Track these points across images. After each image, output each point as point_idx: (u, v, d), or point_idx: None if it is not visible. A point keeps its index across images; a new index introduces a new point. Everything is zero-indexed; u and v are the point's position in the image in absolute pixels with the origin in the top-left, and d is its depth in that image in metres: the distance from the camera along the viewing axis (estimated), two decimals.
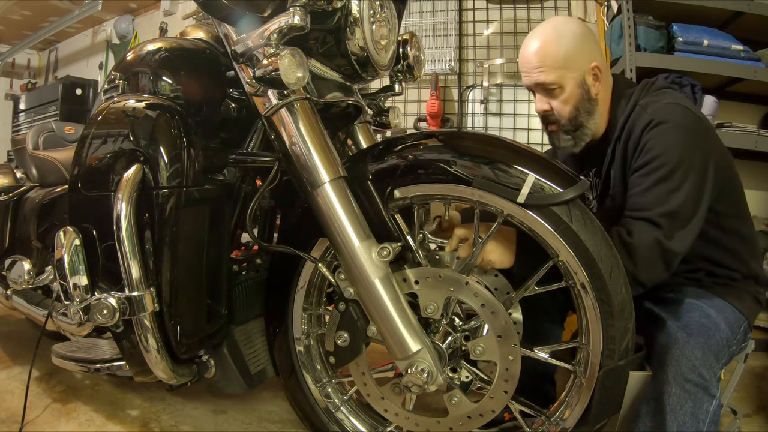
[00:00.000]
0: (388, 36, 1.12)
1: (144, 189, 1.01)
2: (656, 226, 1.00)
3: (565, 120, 1.17)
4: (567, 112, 1.16)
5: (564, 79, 1.13)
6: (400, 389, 1.02)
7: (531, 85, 1.18)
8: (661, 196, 1.01)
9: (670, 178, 1.01)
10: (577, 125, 1.17)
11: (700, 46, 2.04)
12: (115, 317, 1.01)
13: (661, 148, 1.03)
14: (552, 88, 1.15)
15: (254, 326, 1.28)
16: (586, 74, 1.14)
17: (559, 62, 1.12)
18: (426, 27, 3.06)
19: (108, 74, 1.17)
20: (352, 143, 1.27)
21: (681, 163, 1.01)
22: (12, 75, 5.37)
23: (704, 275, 1.13)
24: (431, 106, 2.95)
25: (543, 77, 1.14)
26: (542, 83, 1.15)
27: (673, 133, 1.04)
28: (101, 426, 1.34)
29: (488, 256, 1.01)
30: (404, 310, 0.94)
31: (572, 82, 1.14)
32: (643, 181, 1.05)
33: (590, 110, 1.16)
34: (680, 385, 0.89)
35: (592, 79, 1.14)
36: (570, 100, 1.15)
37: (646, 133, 1.06)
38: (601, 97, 1.17)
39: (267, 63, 0.88)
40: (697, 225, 1.02)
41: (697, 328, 0.97)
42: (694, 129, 1.05)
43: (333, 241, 0.96)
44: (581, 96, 1.15)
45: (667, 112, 1.06)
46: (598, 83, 1.15)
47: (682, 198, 1.00)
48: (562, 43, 1.12)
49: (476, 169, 0.92)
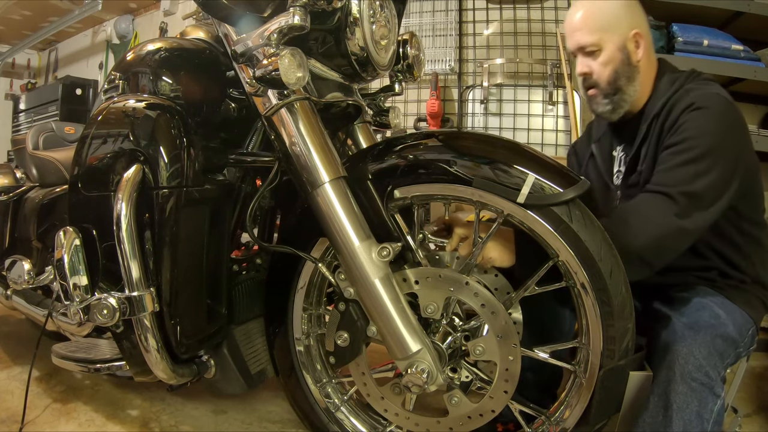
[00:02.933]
0: (388, 36, 1.12)
1: (144, 189, 1.01)
2: (673, 200, 0.98)
3: (604, 83, 1.16)
4: (606, 74, 1.15)
5: (604, 42, 1.14)
6: (400, 389, 1.02)
7: (573, 48, 1.19)
8: (687, 176, 1.00)
9: (700, 161, 1.00)
10: (616, 89, 1.16)
11: (700, 46, 2.04)
12: (115, 317, 1.01)
13: (696, 131, 1.02)
14: (592, 50, 1.15)
15: (254, 326, 1.28)
16: (628, 40, 1.14)
17: (600, 24, 1.14)
18: (426, 27, 3.06)
19: (108, 74, 1.17)
20: (352, 143, 1.27)
21: (713, 150, 1.00)
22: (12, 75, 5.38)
23: (717, 275, 1.12)
24: (431, 106, 2.95)
25: (583, 39, 1.15)
26: (583, 45, 1.16)
27: (712, 120, 1.03)
28: (101, 426, 1.34)
29: (488, 254, 1.01)
30: (404, 310, 0.94)
31: (612, 45, 1.14)
32: (671, 159, 1.03)
33: (630, 76, 1.15)
34: (687, 383, 0.89)
35: (633, 45, 1.14)
36: (610, 63, 1.15)
37: (684, 114, 1.05)
38: (642, 65, 1.16)
39: (267, 63, 0.88)
40: (714, 214, 1.01)
41: (704, 327, 0.97)
42: (732, 122, 1.05)
43: (333, 241, 0.96)
44: (621, 60, 1.14)
45: (710, 100, 1.05)
46: (640, 50, 1.15)
47: (706, 183, 0.99)
48: (605, 7, 1.14)
49: (476, 169, 0.92)
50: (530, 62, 2.91)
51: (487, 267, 1.04)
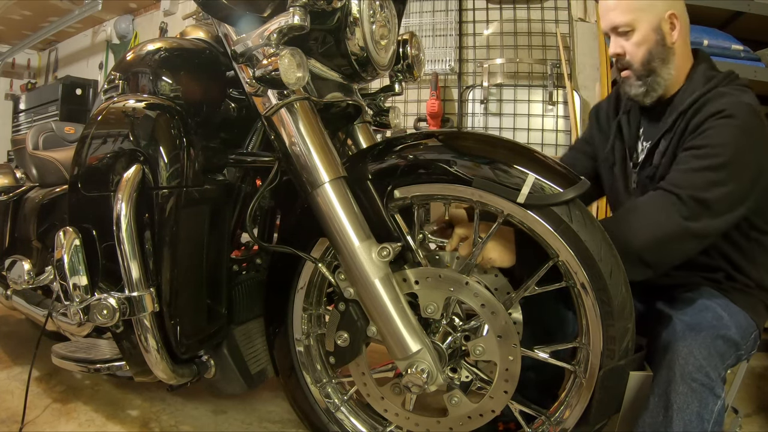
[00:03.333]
0: (388, 36, 1.12)
1: (144, 189, 1.01)
2: (682, 202, 0.97)
3: (638, 64, 1.14)
4: (640, 55, 1.13)
5: (638, 22, 1.11)
6: (400, 389, 1.02)
7: (607, 29, 1.17)
8: (702, 182, 0.99)
9: (718, 170, 0.99)
10: (650, 70, 1.14)
11: (700, 46, 2.03)
12: (115, 317, 1.01)
13: (721, 139, 1.01)
14: (626, 30, 1.13)
15: (254, 326, 1.28)
16: (662, 21, 1.12)
17: (634, 4, 1.11)
18: (426, 27, 3.06)
19: (108, 74, 1.17)
20: (352, 143, 1.27)
21: (733, 163, 0.99)
22: (12, 75, 5.38)
23: (723, 277, 1.12)
24: (431, 106, 2.95)
25: (617, 18, 1.13)
26: (616, 25, 1.13)
27: (738, 132, 1.01)
28: (101, 426, 1.34)
29: (488, 254, 1.01)
30: (404, 310, 0.94)
31: (646, 25, 1.11)
32: (689, 162, 1.02)
33: (665, 58, 1.13)
34: (687, 384, 0.89)
35: (668, 27, 1.12)
36: (644, 43, 1.12)
37: (711, 119, 1.03)
38: (678, 47, 1.14)
39: (267, 63, 0.88)
40: (723, 223, 1.00)
41: (706, 327, 0.97)
42: (758, 136, 1.03)
43: (333, 241, 0.96)
44: (656, 41, 1.12)
45: (741, 110, 1.03)
46: (675, 32, 1.12)
47: (720, 194, 0.98)
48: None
49: (476, 169, 0.92)
50: (530, 62, 2.91)
51: (487, 267, 1.04)
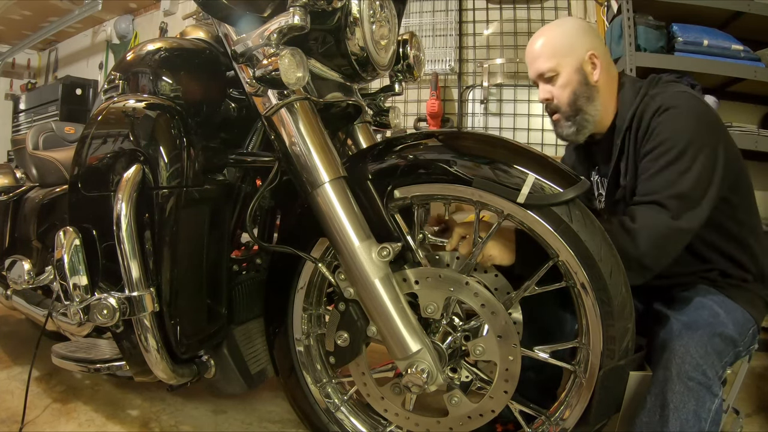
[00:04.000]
0: (388, 36, 1.12)
1: (144, 189, 1.01)
2: (663, 207, 1.00)
3: (565, 106, 1.20)
4: (566, 97, 1.20)
5: (561, 66, 1.18)
6: (400, 389, 1.02)
7: (534, 77, 1.25)
8: (671, 178, 1.01)
9: (680, 160, 1.01)
10: (577, 110, 1.19)
11: (700, 46, 2.04)
12: (115, 317, 1.01)
13: (670, 132, 1.04)
14: (550, 76, 1.20)
15: (254, 326, 1.28)
16: (584, 62, 1.18)
17: (555, 50, 1.19)
18: (426, 27, 3.06)
19: (108, 74, 1.17)
20: (352, 143, 1.27)
21: (690, 145, 1.02)
22: (12, 75, 5.37)
23: (718, 275, 1.13)
24: (431, 106, 2.95)
25: (542, 65, 1.20)
26: (542, 71, 1.21)
27: (682, 117, 1.05)
28: (101, 426, 1.34)
29: (489, 251, 1.01)
30: (404, 310, 0.94)
31: (569, 69, 1.18)
32: (652, 166, 1.05)
33: (589, 96, 1.19)
34: (683, 383, 0.89)
35: (590, 67, 1.18)
36: (568, 85, 1.19)
37: (654, 118, 1.07)
38: (601, 84, 1.19)
39: (267, 63, 0.88)
40: (707, 206, 1.02)
41: (702, 326, 0.97)
42: (703, 114, 1.07)
43: (333, 241, 0.96)
44: (579, 81, 1.18)
45: (676, 99, 1.08)
46: (597, 71, 1.18)
47: (692, 179, 1.00)
48: (559, 33, 1.20)
49: (476, 169, 0.92)
50: None
51: (487, 265, 1.04)
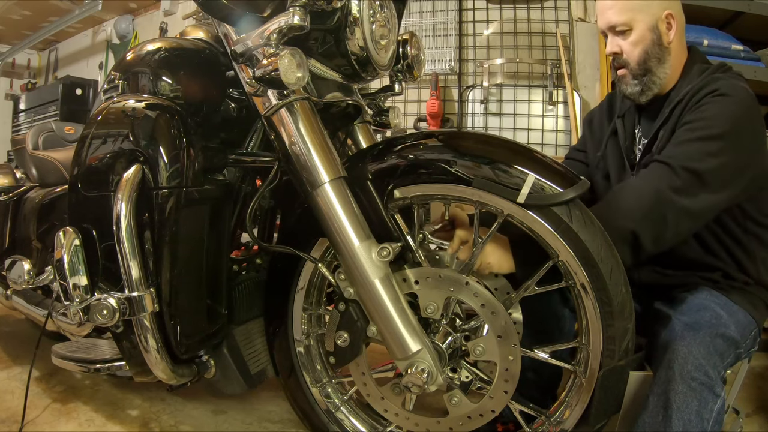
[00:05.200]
0: (388, 36, 1.12)
1: (144, 189, 1.01)
2: (673, 172, 0.97)
3: (634, 63, 1.15)
4: (636, 54, 1.14)
5: (635, 21, 1.12)
6: (400, 389, 1.02)
7: (604, 27, 1.17)
8: (695, 153, 0.98)
9: (712, 141, 0.99)
10: (646, 70, 1.14)
11: (700, 46, 2.03)
12: (114, 317, 1.01)
13: (714, 113, 1.01)
14: (623, 30, 1.13)
15: (254, 326, 1.28)
16: (659, 20, 1.12)
17: (631, 4, 1.11)
18: (426, 27, 3.06)
19: (108, 74, 1.17)
20: (352, 143, 1.27)
21: (728, 135, 0.99)
22: (12, 75, 5.37)
23: (721, 276, 1.12)
24: (431, 106, 2.95)
25: (614, 17, 1.13)
26: (613, 24, 1.13)
27: (732, 107, 1.02)
28: (101, 426, 1.34)
29: (487, 259, 1.01)
30: (404, 310, 0.94)
31: (643, 25, 1.12)
32: (683, 135, 1.02)
33: (661, 57, 1.13)
34: (686, 383, 0.89)
35: (665, 26, 1.12)
36: (640, 43, 1.13)
37: (708, 97, 1.05)
38: (674, 47, 1.14)
39: (267, 63, 0.88)
40: (717, 200, 0.99)
41: (705, 326, 0.97)
42: (753, 114, 1.04)
43: (333, 241, 0.96)
44: (652, 41, 1.13)
45: (735, 90, 1.05)
46: (671, 32, 1.13)
47: (714, 165, 0.97)
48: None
49: (476, 169, 0.92)
50: (530, 62, 2.90)
51: (485, 273, 1.04)
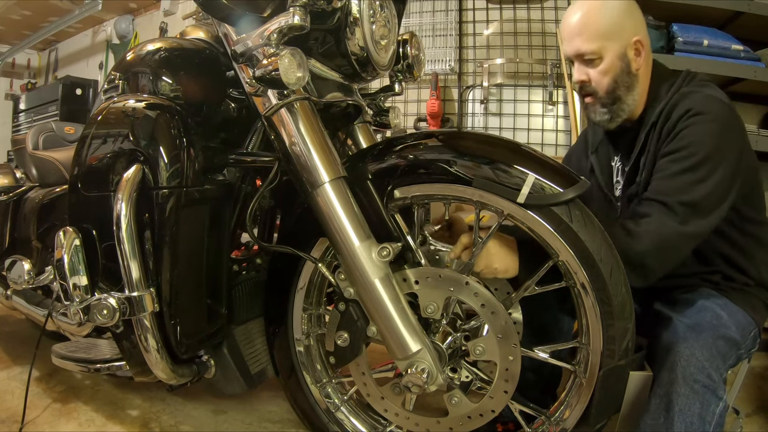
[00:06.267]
0: (388, 36, 1.12)
1: (144, 189, 1.01)
2: (671, 211, 0.98)
3: (602, 92, 1.13)
4: (605, 83, 1.12)
5: (604, 50, 1.09)
6: (400, 389, 1.02)
7: (571, 54, 1.15)
8: (685, 185, 0.99)
9: (698, 168, 0.99)
10: (615, 99, 1.13)
11: (700, 46, 2.04)
12: (115, 317, 1.01)
13: (694, 138, 1.01)
14: (591, 58, 1.11)
15: (254, 326, 1.28)
16: (628, 47, 1.10)
17: (600, 32, 1.09)
18: (426, 27, 3.06)
19: (108, 74, 1.17)
20: (352, 143, 1.27)
21: (711, 156, 0.99)
22: (12, 75, 5.38)
23: (720, 278, 1.12)
24: (431, 106, 2.96)
25: (584, 46, 1.10)
26: (582, 52, 1.11)
27: (709, 126, 1.02)
28: (101, 426, 1.34)
29: (492, 264, 1.00)
30: (404, 310, 0.94)
31: (613, 54, 1.10)
32: (669, 167, 1.02)
33: (629, 85, 1.12)
34: (689, 385, 0.89)
35: (633, 53, 1.11)
36: (609, 72, 1.11)
37: (682, 121, 1.04)
38: (641, 73, 1.13)
39: (267, 63, 0.88)
40: (715, 219, 1.01)
41: (706, 328, 0.97)
42: (730, 125, 1.04)
43: (333, 241, 0.96)
44: (621, 69, 1.11)
45: (707, 104, 1.04)
46: (640, 58, 1.11)
47: (706, 190, 0.98)
48: (606, 13, 1.09)
49: (476, 169, 0.92)
50: (530, 62, 2.91)
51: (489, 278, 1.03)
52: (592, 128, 1.33)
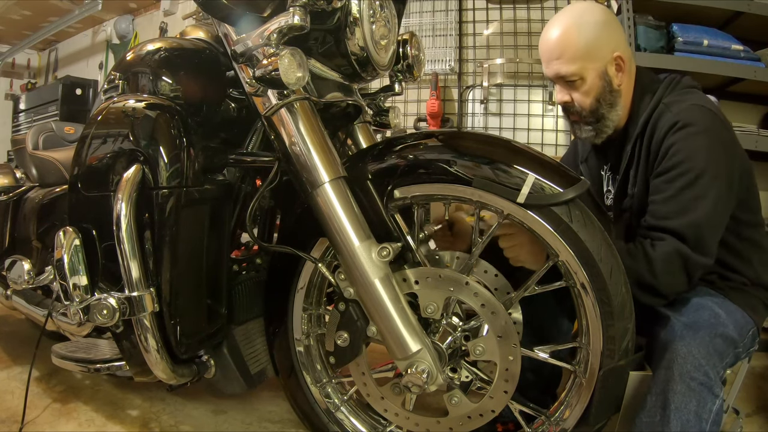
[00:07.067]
0: (388, 36, 1.12)
1: (144, 189, 1.01)
2: (681, 238, 0.98)
3: (586, 112, 1.14)
4: (588, 104, 1.12)
5: (585, 71, 1.09)
6: (400, 389, 1.02)
7: (551, 77, 1.15)
8: (686, 204, 0.99)
9: (696, 185, 0.99)
10: (599, 117, 1.14)
11: (700, 46, 2.04)
12: (115, 317, 1.01)
13: (686, 153, 1.01)
14: (572, 80, 1.11)
15: (254, 326, 1.28)
16: (608, 65, 1.10)
17: (579, 53, 1.08)
18: (426, 27, 3.06)
19: (108, 74, 1.17)
20: (352, 143, 1.27)
21: (706, 170, 0.99)
22: (12, 75, 5.38)
23: (717, 278, 1.12)
24: (431, 106, 2.95)
25: (563, 69, 1.10)
26: (563, 75, 1.11)
27: (699, 138, 1.01)
28: (101, 426, 1.34)
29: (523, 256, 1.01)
30: (404, 310, 0.94)
31: (593, 74, 1.09)
32: (666, 188, 1.02)
33: (612, 102, 1.12)
34: (686, 383, 0.89)
35: (614, 69, 1.10)
36: (591, 92, 1.11)
37: (670, 135, 1.03)
38: (624, 87, 1.13)
39: (267, 63, 0.88)
40: (720, 232, 1.02)
41: (704, 326, 0.97)
42: (719, 134, 1.03)
43: (333, 241, 0.96)
44: (603, 87, 1.11)
45: (693, 115, 1.03)
46: (621, 74, 1.11)
47: (708, 207, 0.98)
48: (583, 33, 1.08)
49: (476, 169, 0.92)
50: (530, 62, 2.90)
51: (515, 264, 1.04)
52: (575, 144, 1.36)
